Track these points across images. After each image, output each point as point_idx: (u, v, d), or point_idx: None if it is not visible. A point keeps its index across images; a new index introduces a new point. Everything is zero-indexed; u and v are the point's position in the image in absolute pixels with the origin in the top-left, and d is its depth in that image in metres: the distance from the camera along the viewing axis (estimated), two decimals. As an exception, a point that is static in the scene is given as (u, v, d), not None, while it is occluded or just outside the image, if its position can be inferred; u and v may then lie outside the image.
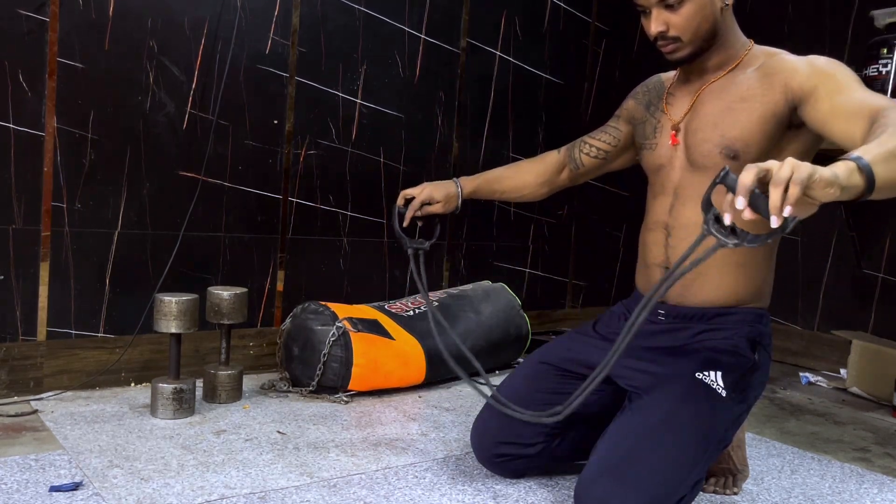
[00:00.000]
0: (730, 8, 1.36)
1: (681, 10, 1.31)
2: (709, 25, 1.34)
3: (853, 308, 2.77)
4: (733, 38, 1.40)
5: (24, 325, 1.90)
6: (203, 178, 2.13)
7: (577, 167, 1.69)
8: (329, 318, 2.07)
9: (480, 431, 1.52)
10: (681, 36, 1.34)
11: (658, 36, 1.35)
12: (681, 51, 1.37)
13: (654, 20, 1.34)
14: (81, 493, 1.34)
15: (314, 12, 2.27)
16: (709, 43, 1.36)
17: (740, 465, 1.56)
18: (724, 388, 1.31)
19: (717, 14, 1.34)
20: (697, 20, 1.32)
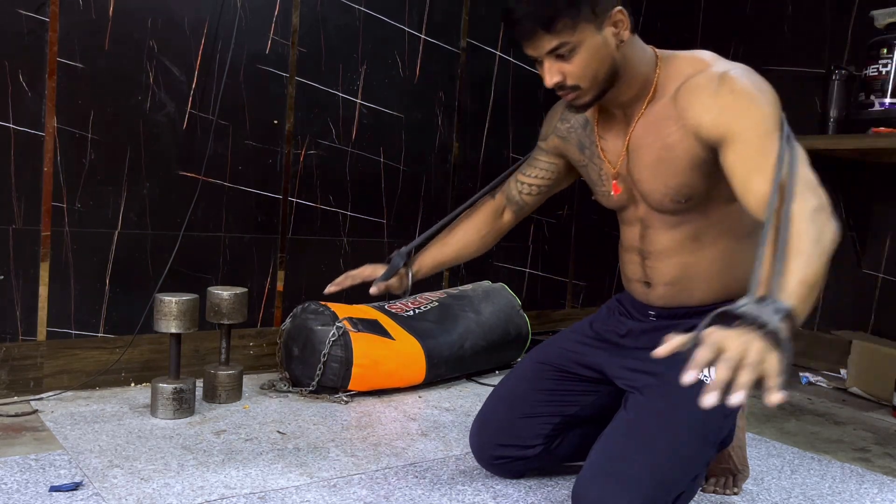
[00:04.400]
0: (627, 41, 1.25)
1: (574, 59, 1.22)
2: (607, 68, 1.24)
3: (853, 308, 2.77)
4: (641, 66, 1.29)
5: (24, 325, 1.90)
6: (203, 178, 2.13)
7: (521, 207, 1.59)
8: (329, 318, 2.07)
9: (479, 434, 1.52)
10: (579, 84, 1.25)
11: (556, 86, 1.26)
12: (583, 97, 1.27)
13: (547, 71, 1.25)
14: (81, 493, 1.34)
15: (314, 12, 2.27)
16: (611, 82, 1.27)
17: (740, 465, 1.56)
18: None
19: (613, 54, 1.24)
20: (594, 66, 1.23)
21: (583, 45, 1.21)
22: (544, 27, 1.19)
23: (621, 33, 1.23)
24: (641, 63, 1.29)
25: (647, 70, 1.29)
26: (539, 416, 1.46)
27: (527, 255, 2.92)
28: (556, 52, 1.22)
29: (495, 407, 1.51)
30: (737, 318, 0.91)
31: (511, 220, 1.62)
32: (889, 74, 2.35)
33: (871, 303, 2.72)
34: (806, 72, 2.91)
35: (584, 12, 1.19)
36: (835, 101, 2.53)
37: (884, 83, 2.36)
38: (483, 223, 1.60)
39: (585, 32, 1.20)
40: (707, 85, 1.21)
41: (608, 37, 1.23)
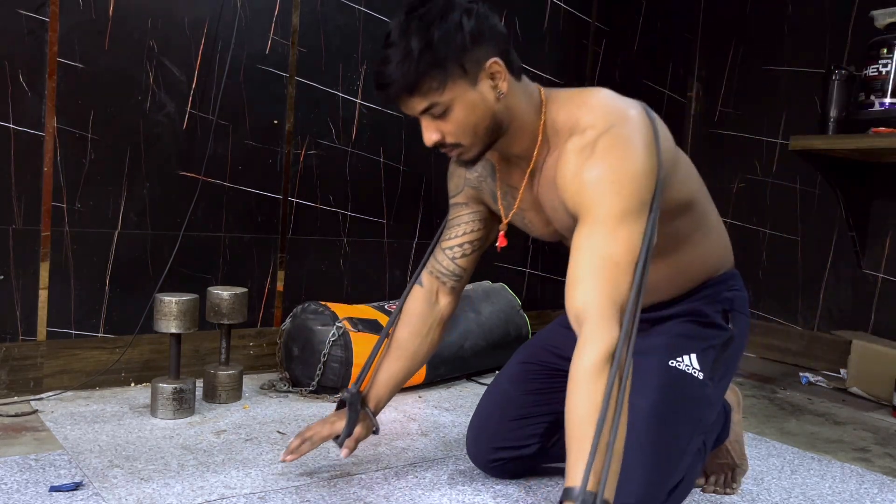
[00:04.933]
0: (508, 91, 1.18)
1: (449, 117, 1.16)
2: (487, 122, 1.18)
3: (853, 308, 2.77)
4: (528, 115, 1.22)
5: (24, 325, 1.90)
6: (203, 178, 2.13)
7: (457, 277, 1.46)
8: (329, 318, 2.07)
9: (475, 441, 1.52)
10: (459, 141, 1.19)
11: (436, 145, 1.20)
12: (466, 153, 1.21)
13: (425, 130, 1.19)
14: (81, 493, 1.34)
15: (314, 12, 2.27)
16: (496, 135, 1.20)
17: (739, 459, 1.56)
18: (701, 370, 1.31)
19: (492, 107, 1.17)
20: (472, 122, 1.17)
21: (456, 102, 1.15)
22: (409, 92, 1.14)
23: (499, 85, 1.17)
24: (528, 112, 1.22)
25: (534, 118, 1.23)
26: (531, 416, 1.46)
27: (527, 255, 2.92)
28: (429, 112, 1.17)
29: (488, 413, 1.51)
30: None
31: (451, 302, 1.48)
32: (889, 74, 2.35)
33: (871, 303, 2.72)
34: (806, 72, 2.91)
35: (452, 71, 1.13)
36: (835, 101, 2.54)
37: (884, 83, 2.36)
38: (421, 322, 1.46)
39: (457, 90, 1.14)
40: (577, 156, 1.14)
41: (485, 91, 1.16)
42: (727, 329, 1.36)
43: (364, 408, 1.45)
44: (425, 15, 1.13)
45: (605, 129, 1.13)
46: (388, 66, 1.13)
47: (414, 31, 1.12)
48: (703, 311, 1.36)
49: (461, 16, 1.13)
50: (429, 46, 1.11)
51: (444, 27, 1.12)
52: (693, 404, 1.29)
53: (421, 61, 1.12)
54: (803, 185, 2.91)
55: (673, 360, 1.31)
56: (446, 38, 1.12)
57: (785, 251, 2.97)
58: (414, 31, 1.12)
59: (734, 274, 1.45)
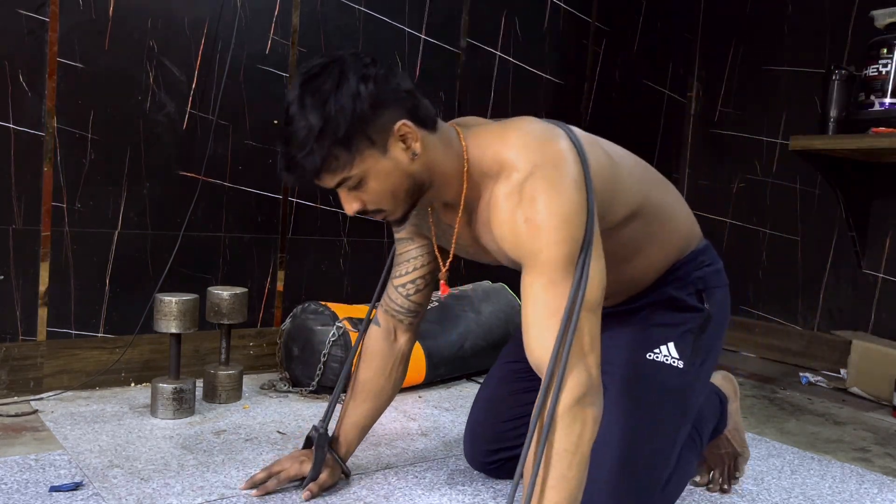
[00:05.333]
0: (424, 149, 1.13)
1: (366, 187, 1.12)
2: (405, 186, 1.14)
3: (853, 308, 2.77)
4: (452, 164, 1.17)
5: (24, 325, 1.90)
6: (203, 178, 2.13)
7: (414, 313, 1.43)
8: (329, 318, 2.07)
9: (471, 445, 1.52)
10: (381, 207, 1.15)
11: (359, 213, 1.16)
12: (392, 216, 1.17)
13: (345, 201, 1.15)
14: (81, 493, 1.34)
15: (314, 12, 2.27)
16: (420, 193, 1.16)
17: (740, 447, 1.56)
18: (680, 358, 1.30)
19: (409, 169, 1.12)
20: (389, 188, 1.12)
21: (369, 173, 1.11)
22: (316, 175, 1.10)
23: (412, 146, 1.12)
24: (450, 161, 1.17)
25: (459, 165, 1.18)
26: (524, 416, 1.46)
27: (527, 255, 2.91)
28: (343, 185, 1.12)
29: (481, 416, 1.51)
30: None
31: (409, 339, 1.45)
32: (889, 74, 2.35)
33: (871, 303, 2.72)
34: (806, 72, 2.91)
35: (359, 144, 1.08)
36: (835, 101, 2.54)
37: (884, 83, 2.36)
38: (383, 362, 1.43)
39: (368, 161, 1.10)
40: (507, 202, 1.10)
41: (397, 156, 1.11)
42: (703, 309, 1.34)
43: (332, 452, 1.41)
44: (320, 88, 1.07)
45: (529, 172, 1.09)
46: (291, 148, 1.08)
47: (310, 107, 1.07)
48: (675, 295, 1.33)
49: (357, 84, 1.07)
50: (328, 122, 1.06)
51: (340, 100, 1.06)
52: (676, 397, 1.29)
53: (323, 140, 1.06)
54: (803, 185, 2.91)
55: (650, 353, 1.30)
56: (345, 110, 1.06)
57: (785, 251, 2.97)
58: (311, 108, 1.07)
59: (703, 248, 1.39)
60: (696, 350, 1.32)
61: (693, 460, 1.39)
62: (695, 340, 1.32)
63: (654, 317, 1.34)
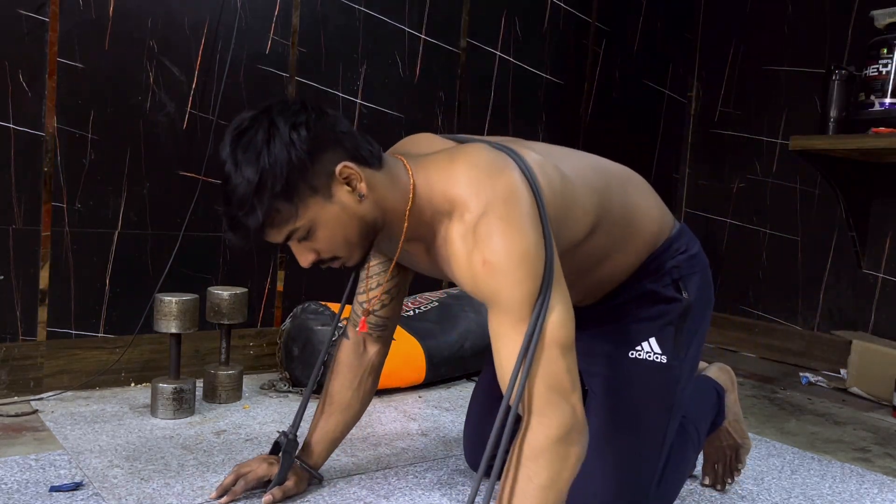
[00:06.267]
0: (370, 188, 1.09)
1: (316, 236, 1.08)
2: (357, 229, 1.10)
3: (853, 308, 2.77)
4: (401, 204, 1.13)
5: (24, 325, 1.90)
6: (203, 178, 2.13)
7: (382, 326, 1.39)
8: (329, 318, 2.07)
9: (469, 442, 1.52)
10: (335, 255, 1.11)
11: (315, 264, 1.12)
12: (350, 261, 1.14)
13: (298, 254, 1.11)
14: (81, 493, 1.34)
15: (314, 12, 2.27)
16: (374, 234, 1.13)
17: (741, 438, 1.55)
18: (662, 352, 1.29)
19: (358, 211, 1.08)
20: (341, 234, 1.09)
21: (317, 222, 1.07)
22: (261, 232, 1.06)
23: (358, 187, 1.08)
24: (401, 197, 1.13)
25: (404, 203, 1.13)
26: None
27: (527, 255, 2.91)
28: (292, 238, 1.08)
29: (477, 418, 1.50)
30: None
31: (379, 350, 1.42)
32: (889, 74, 2.35)
33: (871, 303, 2.72)
34: (806, 72, 2.91)
35: (301, 193, 1.04)
36: (835, 101, 2.54)
37: (884, 83, 2.36)
38: (352, 374, 1.41)
39: (313, 209, 1.06)
40: (462, 245, 1.06)
41: (344, 199, 1.07)
42: (681, 299, 1.31)
43: (300, 460, 1.39)
44: (251, 142, 1.03)
45: (482, 212, 1.05)
46: (231, 207, 1.04)
47: (244, 163, 1.02)
48: (651, 288, 1.31)
49: (289, 132, 1.03)
50: (265, 176, 1.02)
51: (274, 150, 1.02)
52: (661, 393, 1.28)
53: (262, 195, 1.02)
54: (803, 185, 2.91)
55: (632, 352, 1.30)
56: (280, 161, 1.02)
57: (785, 251, 2.97)
58: (244, 164, 1.02)
59: (676, 235, 1.35)
60: (679, 341, 1.31)
61: (691, 455, 1.39)
62: (676, 332, 1.30)
63: (632, 313, 1.31)
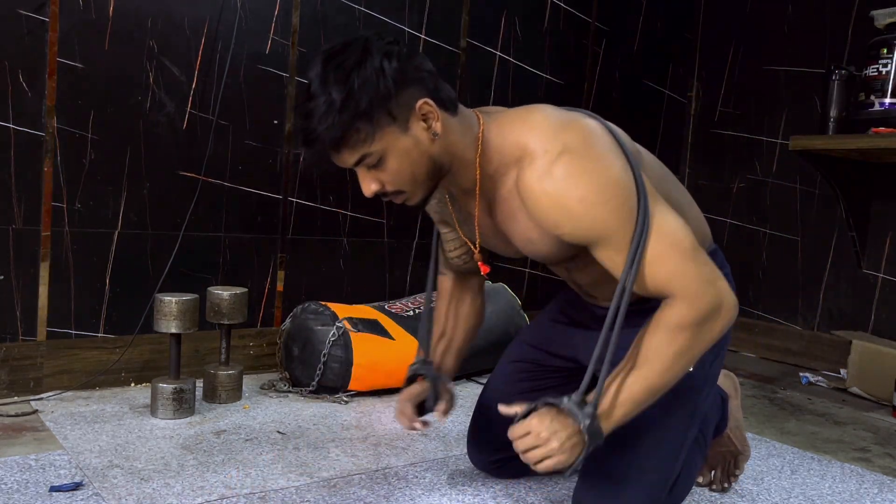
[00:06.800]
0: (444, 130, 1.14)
1: (385, 166, 1.11)
2: (425, 167, 1.13)
3: (853, 308, 2.77)
4: (470, 152, 1.18)
5: (24, 325, 1.90)
6: (203, 178, 2.13)
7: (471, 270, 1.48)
8: (329, 318, 2.07)
9: (476, 444, 1.52)
10: (400, 189, 1.14)
11: (378, 195, 1.16)
12: (411, 199, 1.17)
13: (363, 181, 1.14)
14: (81, 493, 1.34)
15: (314, 12, 2.27)
16: (439, 176, 1.17)
17: (741, 445, 1.56)
18: None
19: (429, 150, 1.13)
20: (409, 169, 1.12)
21: (389, 151, 1.10)
22: (336, 148, 1.09)
23: (433, 126, 1.12)
24: (471, 145, 1.18)
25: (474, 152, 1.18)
26: None
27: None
28: (362, 163, 1.11)
29: (485, 415, 1.51)
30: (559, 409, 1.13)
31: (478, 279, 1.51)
32: (889, 74, 2.35)
33: (871, 303, 2.72)
34: (806, 72, 2.91)
35: (380, 119, 1.08)
36: (835, 101, 2.54)
37: (884, 83, 2.36)
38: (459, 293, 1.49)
39: (388, 138, 1.09)
40: (549, 192, 1.09)
41: (418, 134, 1.11)
42: None
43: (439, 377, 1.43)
44: (343, 63, 1.07)
45: (561, 151, 1.09)
46: (311, 121, 1.07)
47: (333, 81, 1.06)
48: None
49: (381, 60, 1.07)
50: (350, 96, 1.05)
51: (364, 74, 1.06)
52: (684, 398, 1.29)
53: (344, 113, 1.05)
54: (803, 185, 2.91)
55: None
56: (368, 85, 1.06)
57: (785, 251, 2.97)
58: (333, 82, 1.06)
59: (713, 251, 1.38)
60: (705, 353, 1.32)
61: (699, 462, 1.39)
62: None
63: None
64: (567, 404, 1.11)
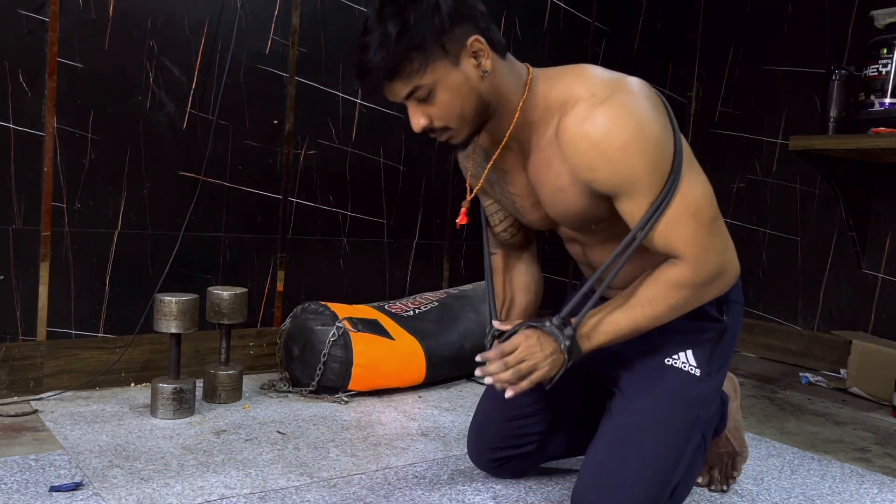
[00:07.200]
0: (493, 70, 1.18)
1: (435, 100, 1.15)
2: (473, 104, 1.17)
3: (853, 308, 2.77)
4: (516, 96, 1.22)
5: (24, 325, 1.90)
6: (203, 178, 2.13)
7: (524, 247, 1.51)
8: (329, 318, 2.07)
9: (476, 440, 1.52)
10: (447, 125, 1.18)
11: (425, 130, 1.19)
12: (457, 137, 1.20)
13: (412, 115, 1.18)
14: (81, 493, 1.34)
15: (314, 12, 2.27)
16: (485, 116, 1.20)
17: (739, 446, 1.56)
18: (697, 366, 1.30)
19: (478, 88, 1.17)
20: (458, 104, 1.16)
21: (440, 84, 1.14)
22: (390, 77, 1.13)
23: (483, 63, 1.16)
24: (517, 89, 1.22)
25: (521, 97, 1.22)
26: (530, 415, 1.46)
27: (527, 255, 2.91)
28: (413, 96, 1.16)
29: (487, 413, 1.51)
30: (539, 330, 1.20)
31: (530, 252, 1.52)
32: (889, 74, 2.35)
33: (871, 303, 2.72)
34: (806, 72, 2.91)
35: (433, 52, 1.12)
36: (835, 101, 2.54)
37: (884, 83, 2.36)
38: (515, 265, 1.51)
39: (440, 71, 1.14)
40: (590, 135, 1.13)
41: (469, 70, 1.15)
42: (721, 321, 1.34)
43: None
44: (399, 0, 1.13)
45: (608, 97, 1.13)
46: (367, 52, 1.13)
47: (389, 15, 1.12)
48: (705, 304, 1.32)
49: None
50: (406, 29, 1.11)
51: (419, 9, 1.12)
52: (691, 403, 1.29)
53: (399, 44, 1.11)
54: (803, 185, 2.91)
55: (669, 358, 1.31)
56: (423, 19, 1.11)
57: (785, 251, 2.97)
58: (389, 16, 1.12)
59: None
60: (713, 359, 1.32)
61: (699, 464, 1.39)
62: (712, 350, 1.33)
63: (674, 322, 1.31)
64: (549, 326, 1.19)
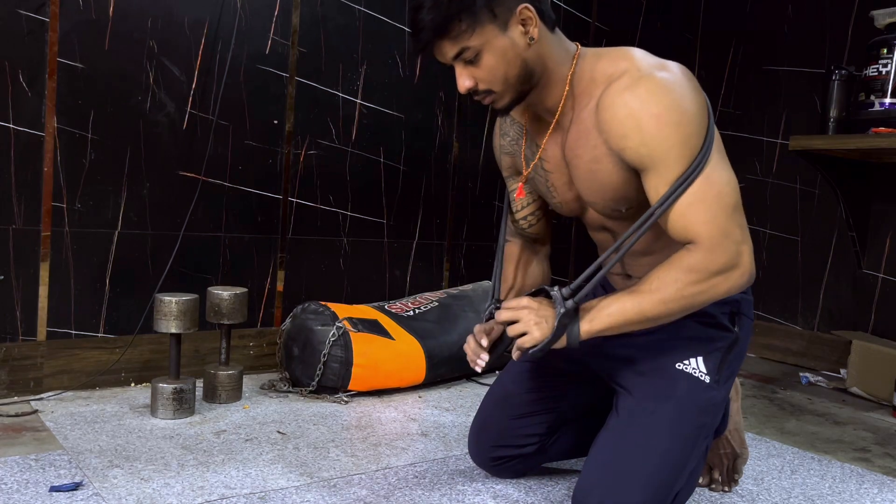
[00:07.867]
0: (540, 39, 1.21)
1: (481, 62, 1.19)
2: (518, 69, 1.20)
3: (853, 308, 2.77)
4: (563, 66, 1.25)
5: (24, 325, 1.90)
6: (203, 178, 2.13)
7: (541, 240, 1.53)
8: (329, 318, 2.07)
9: (477, 438, 1.52)
10: (491, 88, 1.22)
11: (470, 92, 1.23)
12: (500, 101, 1.24)
13: (459, 76, 1.22)
14: (81, 493, 1.34)
15: (314, 12, 2.27)
16: (528, 84, 1.23)
17: (739, 447, 1.56)
18: (707, 373, 1.30)
19: (523, 54, 1.20)
20: (503, 68, 1.19)
21: (487, 47, 1.18)
22: (439, 34, 1.17)
23: (531, 31, 1.19)
24: (563, 62, 1.25)
25: (568, 70, 1.25)
26: (532, 415, 1.46)
27: (527, 255, 2.91)
28: (461, 57, 1.19)
29: (490, 411, 1.51)
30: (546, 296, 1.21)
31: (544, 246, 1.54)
32: (889, 74, 2.35)
33: (871, 303, 2.72)
34: (806, 72, 2.91)
35: (482, 15, 1.16)
36: (835, 101, 2.54)
37: (884, 83, 2.36)
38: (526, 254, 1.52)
39: (488, 35, 1.17)
40: (628, 103, 1.16)
41: (516, 37, 1.19)
42: (733, 331, 1.35)
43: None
44: None
45: (650, 71, 1.17)
46: (420, 12, 1.17)
47: None
48: (711, 312, 1.33)
49: None
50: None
51: None
52: (700, 410, 1.29)
53: (451, 5, 1.15)
54: (803, 185, 2.91)
55: (680, 363, 1.31)
56: None
57: (785, 251, 2.97)
58: None
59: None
60: (723, 368, 1.32)
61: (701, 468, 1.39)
62: (722, 359, 1.33)
63: (688, 327, 1.32)
64: (556, 293, 1.19)
